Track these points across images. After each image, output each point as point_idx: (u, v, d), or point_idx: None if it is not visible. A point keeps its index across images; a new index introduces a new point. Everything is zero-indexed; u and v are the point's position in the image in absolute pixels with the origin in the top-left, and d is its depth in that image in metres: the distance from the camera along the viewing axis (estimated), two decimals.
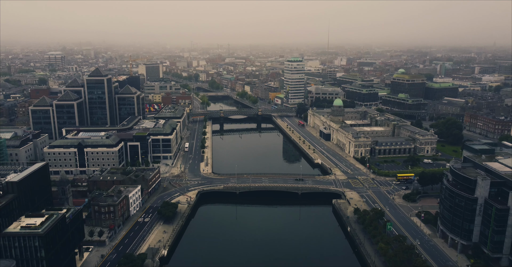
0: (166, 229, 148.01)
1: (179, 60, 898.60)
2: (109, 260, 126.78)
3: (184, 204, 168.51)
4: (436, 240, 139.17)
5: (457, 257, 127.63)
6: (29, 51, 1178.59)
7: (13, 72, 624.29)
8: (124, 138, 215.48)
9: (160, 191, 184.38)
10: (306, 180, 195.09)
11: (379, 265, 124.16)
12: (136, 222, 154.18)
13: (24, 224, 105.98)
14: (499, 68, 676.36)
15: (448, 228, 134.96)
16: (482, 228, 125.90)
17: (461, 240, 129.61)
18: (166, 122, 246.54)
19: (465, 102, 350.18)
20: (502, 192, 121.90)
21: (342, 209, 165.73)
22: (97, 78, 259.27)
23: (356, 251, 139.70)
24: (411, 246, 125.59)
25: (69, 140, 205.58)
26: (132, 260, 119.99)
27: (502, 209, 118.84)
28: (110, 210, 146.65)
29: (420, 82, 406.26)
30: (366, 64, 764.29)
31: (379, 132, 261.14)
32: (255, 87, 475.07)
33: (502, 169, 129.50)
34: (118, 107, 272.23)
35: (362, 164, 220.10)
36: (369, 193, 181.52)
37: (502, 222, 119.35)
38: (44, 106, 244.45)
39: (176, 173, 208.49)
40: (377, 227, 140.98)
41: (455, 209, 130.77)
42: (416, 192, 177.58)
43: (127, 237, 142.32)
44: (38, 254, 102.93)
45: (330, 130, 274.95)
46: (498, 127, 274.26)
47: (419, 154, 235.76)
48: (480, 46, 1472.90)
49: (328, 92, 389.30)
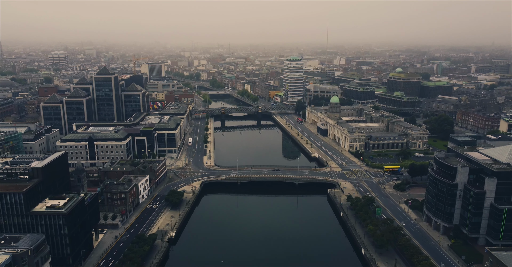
0: (173, 214, 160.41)
1: (180, 59, 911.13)
2: (122, 241, 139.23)
3: (189, 193, 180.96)
4: (421, 224, 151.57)
5: (439, 237, 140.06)
6: (31, 51, 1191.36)
7: (18, 71, 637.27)
8: (132, 132, 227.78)
9: (167, 181, 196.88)
10: (303, 172, 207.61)
11: (368, 244, 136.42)
12: (145, 208, 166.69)
13: (49, 204, 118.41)
14: (495, 67, 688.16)
15: (432, 212, 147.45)
16: (462, 211, 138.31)
17: (443, 223, 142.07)
18: (171, 118, 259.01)
19: (458, 100, 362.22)
20: (480, 178, 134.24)
21: (336, 197, 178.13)
22: (104, 77, 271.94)
23: (348, 233, 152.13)
24: (397, 228, 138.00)
25: (80, 134, 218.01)
26: (144, 240, 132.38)
27: (479, 193, 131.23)
28: (121, 196, 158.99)
29: (415, 81, 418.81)
30: (365, 64, 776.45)
31: (373, 128, 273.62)
32: (255, 86, 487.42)
33: (481, 157, 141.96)
34: (124, 104, 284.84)
35: (356, 157, 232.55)
36: (362, 183, 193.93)
37: (479, 205, 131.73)
38: (54, 103, 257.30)
39: (181, 165, 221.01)
40: (367, 212, 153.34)
41: (438, 194, 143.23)
42: (405, 182, 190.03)
43: (138, 221, 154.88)
44: (62, 231, 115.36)
45: (327, 126, 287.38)
46: (487, 123, 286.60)
47: (411, 148, 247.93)
48: (478, 46, 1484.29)
49: (326, 91, 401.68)
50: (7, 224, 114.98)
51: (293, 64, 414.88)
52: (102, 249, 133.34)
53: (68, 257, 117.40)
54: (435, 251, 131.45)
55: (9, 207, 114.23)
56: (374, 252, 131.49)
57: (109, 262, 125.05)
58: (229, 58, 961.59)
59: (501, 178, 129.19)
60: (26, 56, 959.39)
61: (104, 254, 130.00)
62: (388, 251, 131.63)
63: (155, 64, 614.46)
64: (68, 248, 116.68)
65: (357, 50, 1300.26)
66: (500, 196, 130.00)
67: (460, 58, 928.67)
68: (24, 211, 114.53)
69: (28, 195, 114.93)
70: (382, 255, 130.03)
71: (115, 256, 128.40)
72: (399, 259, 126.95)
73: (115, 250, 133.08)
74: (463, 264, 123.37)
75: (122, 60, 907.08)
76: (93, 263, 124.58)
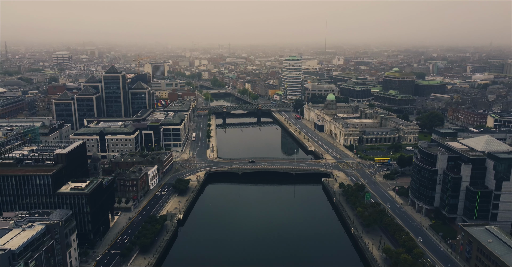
0: (180, 199, 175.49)
1: (182, 59, 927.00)
2: (135, 221, 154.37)
3: (195, 181, 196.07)
4: (406, 207, 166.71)
5: (421, 218, 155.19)
6: (34, 51, 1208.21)
7: (23, 71, 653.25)
8: (139, 127, 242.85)
9: (173, 172, 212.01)
10: (300, 163, 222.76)
11: (357, 224, 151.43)
12: (154, 194, 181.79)
13: (72, 186, 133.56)
14: (490, 67, 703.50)
15: (415, 196, 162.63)
16: (441, 195, 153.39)
17: (425, 205, 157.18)
18: (176, 114, 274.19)
19: (450, 98, 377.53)
20: (457, 164, 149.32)
21: (330, 186, 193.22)
22: (113, 75, 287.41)
23: (340, 216, 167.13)
24: (383, 209, 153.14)
25: (92, 128, 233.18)
26: (155, 220, 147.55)
27: (456, 178, 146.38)
28: (133, 183, 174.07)
29: (410, 80, 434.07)
30: (363, 64, 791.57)
31: (367, 123, 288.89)
32: (255, 85, 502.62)
33: (459, 146, 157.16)
34: (131, 101, 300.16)
35: (350, 151, 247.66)
36: (354, 173, 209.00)
37: (456, 188, 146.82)
38: (66, 100, 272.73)
39: (186, 158, 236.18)
40: (357, 197, 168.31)
41: (421, 180, 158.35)
42: (394, 172, 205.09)
43: (148, 205, 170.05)
44: (84, 209, 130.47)
45: (324, 122, 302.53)
46: (476, 119, 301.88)
47: (403, 142, 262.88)
48: (476, 46, 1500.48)
49: (324, 89, 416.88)
50: (37, 203, 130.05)
51: (292, 64, 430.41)
52: (118, 228, 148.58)
53: (90, 233, 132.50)
54: (416, 229, 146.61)
55: (38, 188, 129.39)
56: (362, 230, 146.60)
57: (124, 239, 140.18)
58: (230, 58, 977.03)
59: (475, 164, 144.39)
60: (30, 56, 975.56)
61: (120, 232, 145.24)
62: (375, 230, 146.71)
63: (157, 64, 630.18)
64: (89, 224, 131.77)
65: (356, 50, 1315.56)
66: (474, 180, 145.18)
67: (457, 58, 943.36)
68: (51, 191, 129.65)
69: (54, 177, 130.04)
70: (369, 233, 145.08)
71: (130, 233, 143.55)
72: (384, 236, 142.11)
73: (129, 229, 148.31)
74: (440, 240, 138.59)
75: (124, 60, 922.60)
76: (111, 239, 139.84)
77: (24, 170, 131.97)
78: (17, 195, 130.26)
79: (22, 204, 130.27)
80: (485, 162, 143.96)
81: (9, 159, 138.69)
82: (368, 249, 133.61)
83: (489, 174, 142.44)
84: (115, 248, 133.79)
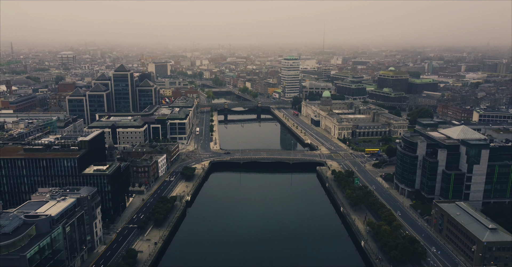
0: (188, 184, 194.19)
1: (183, 59, 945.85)
2: (148, 202, 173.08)
3: (200, 169, 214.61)
4: (391, 191, 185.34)
5: (403, 199, 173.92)
6: (37, 51, 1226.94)
7: (30, 70, 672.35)
8: (147, 121, 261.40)
9: (180, 161, 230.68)
10: (296, 154, 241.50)
11: (346, 204, 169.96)
12: (164, 180, 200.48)
13: (95, 168, 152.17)
14: (484, 66, 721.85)
15: (399, 180, 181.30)
16: (421, 178, 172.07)
17: (407, 188, 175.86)
18: (181, 109, 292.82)
19: (441, 95, 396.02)
20: (435, 150, 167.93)
21: (323, 173, 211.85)
22: (122, 73, 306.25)
23: (331, 199, 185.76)
24: (369, 191, 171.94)
25: (104, 122, 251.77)
26: (166, 200, 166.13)
27: (433, 162, 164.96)
28: (145, 170, 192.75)
29: (403, 78, 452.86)
30: (360, 63, 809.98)
31: (361, 119, 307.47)
32: (255, 83, 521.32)
33: (438, 135, 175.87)
34: (139, 98, 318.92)
35: (343, 143, 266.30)
36: (346, 163, 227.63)
37: (434, 171, 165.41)
38: (78, 96, 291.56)
39: (191, 149, 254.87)
40: (347, 181, 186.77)
41: (404, 165, 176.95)
42: (383, 161, 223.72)
43: (159, 189, 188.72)
44: (106, 188, 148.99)
45: (320, 117, 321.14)
46: (463, 115, 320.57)
47: (393, 135, 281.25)
48: (474, 46, 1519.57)
49: (321, 87, 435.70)
50: (64, 183, 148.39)
51: (290, 63, 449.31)
52: (133, 207, 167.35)
53: (110, 209, 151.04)
54: (398, 208, 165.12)
55: (66, 169, 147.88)
56: (350, 209, 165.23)
57: (140, 216, 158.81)
58: (230, 58, 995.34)
59: (450, 150, 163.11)
60: (34, 56, 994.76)
61: (136, 210, 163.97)
62: (361, 208, 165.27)
63: (161, 64, 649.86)
64: (110, 202, 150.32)
65: (354, 50, 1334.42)
66: (449, 164, 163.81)
67: (453, 58, 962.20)
68: (77, 172, 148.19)
69: (80, 160, 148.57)
70: (356, 211, 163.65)
71: (144, 212, 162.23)
72: (369, 213, 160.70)
73: (143, 208, 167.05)
74: (418, 216, 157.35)
75: (126, 60, 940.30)
76: (128, 216, 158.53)
77: (53, 154, 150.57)
78: (47, 175, 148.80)
79: (51, 183, 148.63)
80: (459, 148, 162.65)
81: (39, 145, 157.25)
82: (355, 224, 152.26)
83: (462, 159, 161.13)
84: (132, 223, 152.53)
